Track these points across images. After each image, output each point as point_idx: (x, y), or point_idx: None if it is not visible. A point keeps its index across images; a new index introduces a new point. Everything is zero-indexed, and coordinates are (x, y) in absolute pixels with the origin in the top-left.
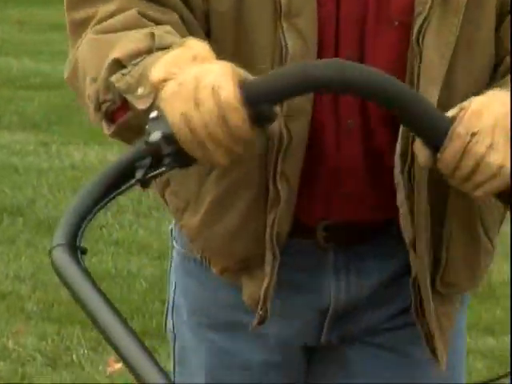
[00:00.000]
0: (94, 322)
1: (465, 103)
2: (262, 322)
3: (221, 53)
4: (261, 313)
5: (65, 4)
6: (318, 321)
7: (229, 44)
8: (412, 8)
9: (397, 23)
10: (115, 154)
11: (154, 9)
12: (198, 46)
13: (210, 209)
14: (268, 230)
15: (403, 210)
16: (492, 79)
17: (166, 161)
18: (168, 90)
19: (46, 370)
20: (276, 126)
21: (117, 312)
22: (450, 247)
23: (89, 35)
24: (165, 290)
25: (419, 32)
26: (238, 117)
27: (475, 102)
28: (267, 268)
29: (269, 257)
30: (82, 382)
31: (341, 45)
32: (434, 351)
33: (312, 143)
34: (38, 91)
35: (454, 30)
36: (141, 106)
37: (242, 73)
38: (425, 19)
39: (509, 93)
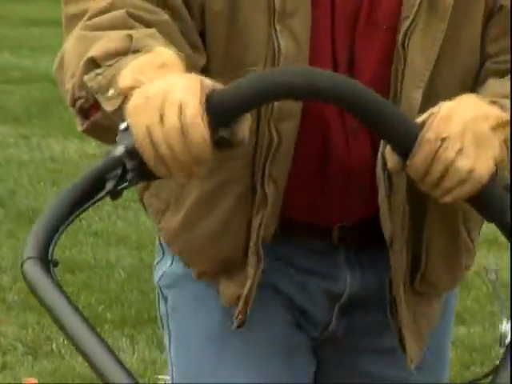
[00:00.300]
0: (67, 334)
1: (434, 108)
2: (241, 325)
3: (214, 52)
4: (240, 317)
5: None
6: (327, 308)
7: (222, 44)
8: (399, 12)
9: (385, 27)
10: (94, 147)
11: (144, 9)
12: (166, 54)
13: (192, 209)
14: (254, 232)
15: (383, 207)
16: (475, 84)
17: (130, 175)
18: (135, 101)
19: (27, 359)
20: (265, 130)
21: (89, 324)
22: (430, 247)
23: (77, 30)
24: (143, 279)
25: (405, 35)
26: (200, 136)
27: (444, 107)
28: (250, 270)
29: (252, 259)
30: (62, 371)
31: (337, 47)
32: (404, 349)
33: (323, 146)
34: (18, 85)
35: (439, 35)
36: (109, 107)
37: (211, 85)
38: (411, 23)
39: (474, 97)
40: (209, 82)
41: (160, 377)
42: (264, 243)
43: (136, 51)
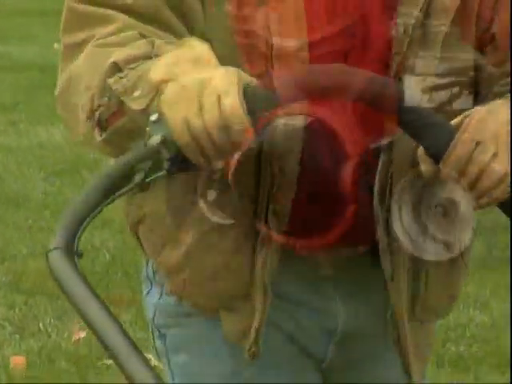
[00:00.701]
0: (89, 325)
1: (469, 112)
2: (254, 357)
3: None
4: (254, 349)
5: (61, 27)
6: (324, 341)
7: None
8: (391, 47)
9: (377, 61)
10: None
11: (155, 33)
12: (199, 47)
13: (193, 246)
14: (259, 268)
15: (382, 243)
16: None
17: (166, 165)
18: (170, 91)
19: (15, 338)
20: (267, 168)
21: (112, 315)
22: (429, 277)
23: (88, 48)
24: (127, 262)
25: (398, 70)
26: (242, 125)
27: (479, 111)
28: (258, 304)
29: (259, 296)
30: (48, 349)
31: None
32: (410, 377)
33: (321, 179)
34: (6, 73)
35: (432, 68)
36: (137, 106)
37: (248, 78)
38: (403, 58)
39: (508, 102)
40: (246, 75)
41: (145, 355)
42: (270, 279)
43: (158, 56)
